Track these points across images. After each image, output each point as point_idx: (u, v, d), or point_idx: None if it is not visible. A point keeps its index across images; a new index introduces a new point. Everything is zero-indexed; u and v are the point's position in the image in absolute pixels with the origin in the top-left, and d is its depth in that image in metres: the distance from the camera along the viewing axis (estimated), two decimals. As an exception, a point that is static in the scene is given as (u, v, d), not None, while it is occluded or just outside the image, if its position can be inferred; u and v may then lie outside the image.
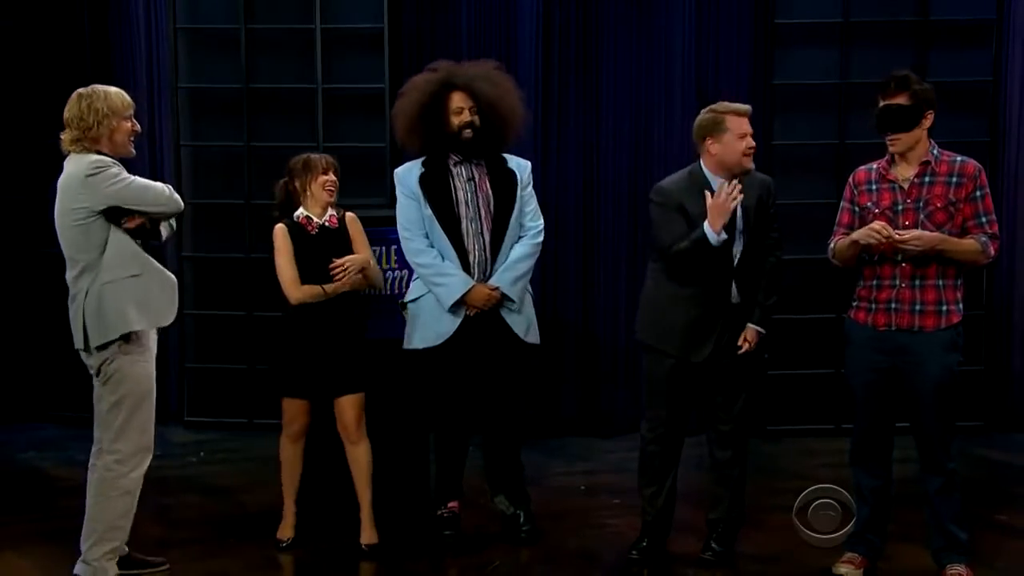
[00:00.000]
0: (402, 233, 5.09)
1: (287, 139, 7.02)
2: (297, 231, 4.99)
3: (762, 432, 6.79)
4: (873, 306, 4.58)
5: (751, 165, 4.77)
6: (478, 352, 5.06)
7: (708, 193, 4.67)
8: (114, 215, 4.39)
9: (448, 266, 5.00)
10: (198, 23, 7.07)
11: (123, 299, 4.40)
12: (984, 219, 4.50)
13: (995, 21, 6.85)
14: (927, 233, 4.42)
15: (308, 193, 5.00)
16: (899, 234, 4.40)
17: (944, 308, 4.50)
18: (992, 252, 4.51)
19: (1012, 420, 7.08)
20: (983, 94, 6.89)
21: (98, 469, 4.54)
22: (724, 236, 4.63)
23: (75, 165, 4.42)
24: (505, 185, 5.07)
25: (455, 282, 4.97)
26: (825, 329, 6.84)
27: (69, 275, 4.49)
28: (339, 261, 4.94)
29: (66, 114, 4.46)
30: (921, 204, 4.49)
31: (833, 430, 6.76)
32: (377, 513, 5.09)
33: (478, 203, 5.05)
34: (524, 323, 5.08)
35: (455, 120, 5.02)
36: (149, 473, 6.28)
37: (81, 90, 4.50)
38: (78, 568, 4.57)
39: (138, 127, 4.55)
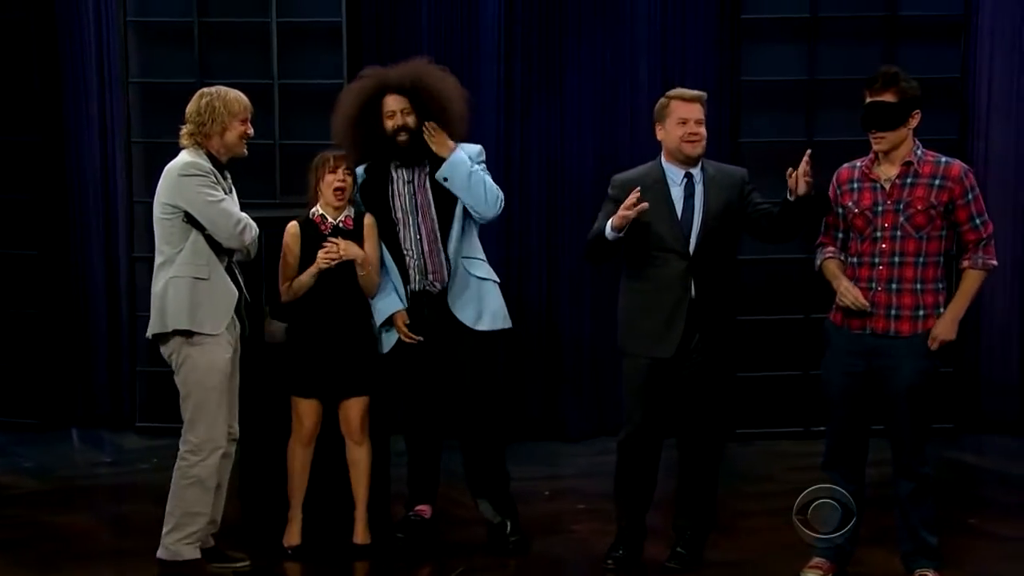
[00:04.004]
0: None
1: (242, 136, 7.00)
2: (310, 229, 5.02)
3: (731, 435, 6.83)
4: (850, 308, 4.61)
5: (694, 152, 4.81)
6: (431, 351, 5.11)
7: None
8: (192, 218, 4.69)
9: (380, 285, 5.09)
10: (150, 16, 7.02)
11: (184, 296, 4.68)
12: (978, 221, 4.54)
13: (963, 17, 6.93)
14: (944, 326, 4.48)
15: (321, 191, 5.03)
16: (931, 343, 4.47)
17: (921, 313, 4.53)
18: (991, 263, 4.56)
19: (982, 422, 7.15)
20: (952, 91, 6.96)
21: (177, 458, 4.82)
22: (620, 234, 4.68)
23: (178, 160, 4.78)
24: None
25: (382, 306, 5.09)
26: (793, 330, 6.89)
27: (155, 264, 4.82)
28: (332, 241, 4.95)
29: (187, 109, 4.81)
30: (902, 206, 4.52)
31: (802, 433, 6.81)
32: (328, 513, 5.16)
33: (416, 207, 5.08)
34: (473, 312, 5.09)
35: (389, 124, 5.05)
36: (99, 480, 6.33)
37: (204, 89, 4.86)
38: (159, 552, 4.83)
39: (251, 131, 4.83)
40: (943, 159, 4.58)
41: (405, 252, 5.09)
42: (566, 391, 7.08)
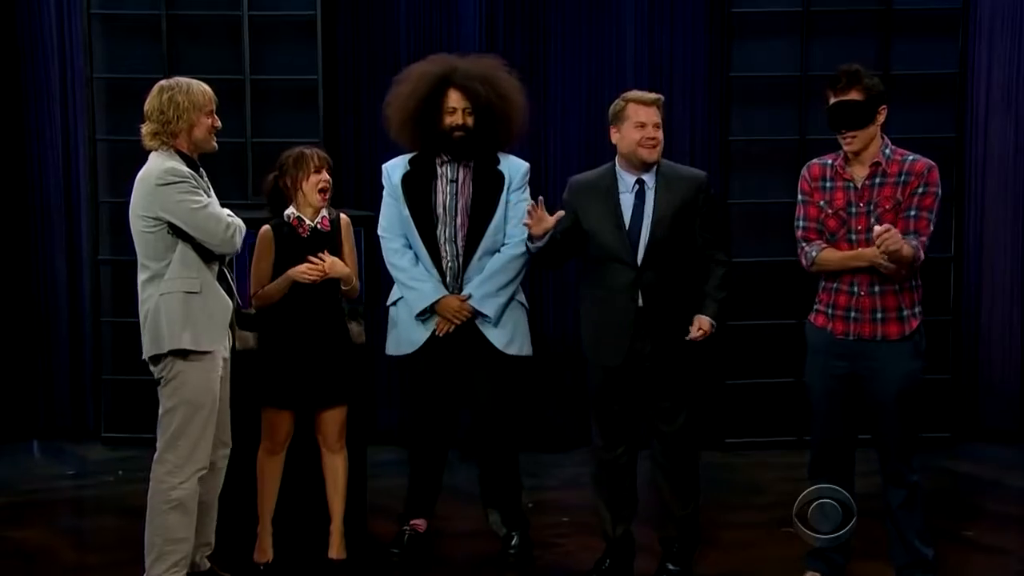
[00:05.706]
0: (380, 233, 5.19)
1: (212, 134, 6.97)
2: (287, 233, 4.98)
3: (719, 444, 6.83)
4: (831, 311, 4.62)
5: (651, 158, 4.79)
6: (452, 363, 5.11)
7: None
8: (177, 228, 4.51)
9: (421, 272, 5.08)
10: (114, 8, 6.98)
11: (176, 314, 4.51)
12: (913, 212, 4.48)
13: (961, 10, 6.94)
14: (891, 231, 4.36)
15: (299, 192, 4.98)
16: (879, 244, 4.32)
17: (904, 313, 4.55)
18: (920, 253, 4.44)
19: (980, 431, 7.17)
20: (949, 86, 6.98)
21: (152, 479, 4.63)
22: (540, 244, 4.77)
23: (151, 167, 4.57)
24: (488, 190, 5.09)
25: (427, 288, 5.05)
26: (783, 336, 6.88)
27: (139, 280, 4.62)
28: (321, 258, 4.90)
29: (146, 106, 4.60)
30: (872, 207, 4.53)
31: (794, 442, 6.81)
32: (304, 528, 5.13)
33: (456, 207, 5.08)
34: (505, 336, 5.10)
35: (448, 119, 5.04)
36: (61, 494, 6.28)
37: (163, 82, 4.63)
38: None
39: (219, 123, 4.66)
40: (910, 156, 4.59)
41: (442, 253, 5.09)
42: (549, 400, 7.06)
